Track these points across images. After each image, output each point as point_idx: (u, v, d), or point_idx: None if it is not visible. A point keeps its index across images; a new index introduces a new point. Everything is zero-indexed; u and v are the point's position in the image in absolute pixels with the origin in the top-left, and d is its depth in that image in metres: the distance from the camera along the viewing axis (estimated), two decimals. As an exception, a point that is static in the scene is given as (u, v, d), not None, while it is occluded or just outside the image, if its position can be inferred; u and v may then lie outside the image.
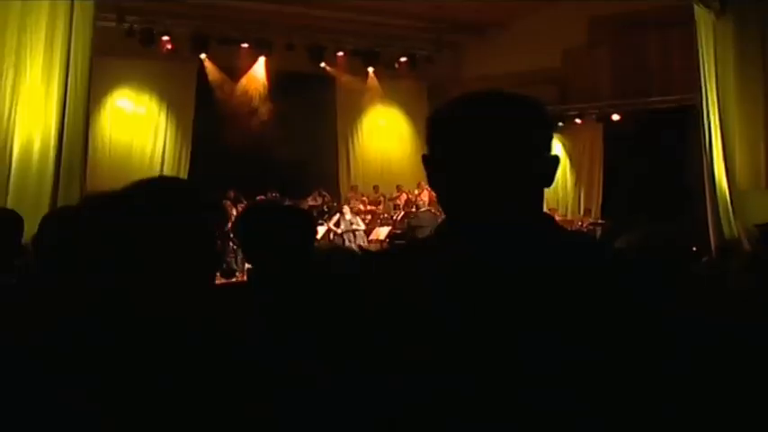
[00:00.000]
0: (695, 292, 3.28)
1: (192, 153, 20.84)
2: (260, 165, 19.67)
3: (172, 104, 20.74)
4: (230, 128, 19.60)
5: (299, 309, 2.62)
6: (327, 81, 21.93)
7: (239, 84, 20.95)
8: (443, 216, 1.71)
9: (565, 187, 21.22)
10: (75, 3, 8.54)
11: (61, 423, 1.66)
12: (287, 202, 20.10)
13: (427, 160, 1.66)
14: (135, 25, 17.84)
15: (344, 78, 22.04)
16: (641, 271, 1.67)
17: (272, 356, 1.91)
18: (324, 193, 21.53)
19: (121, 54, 17.92)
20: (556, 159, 1.66)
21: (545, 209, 1.77)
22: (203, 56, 19.72)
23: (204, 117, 20.41)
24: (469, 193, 1.59)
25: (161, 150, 20.57)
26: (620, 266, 1.69)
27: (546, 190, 1.68)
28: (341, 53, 21.09)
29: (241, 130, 19.72)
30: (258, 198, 18.44)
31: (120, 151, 19.84)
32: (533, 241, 1.62)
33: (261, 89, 21.19)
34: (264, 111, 21.08)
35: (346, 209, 19.56)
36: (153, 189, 1.95)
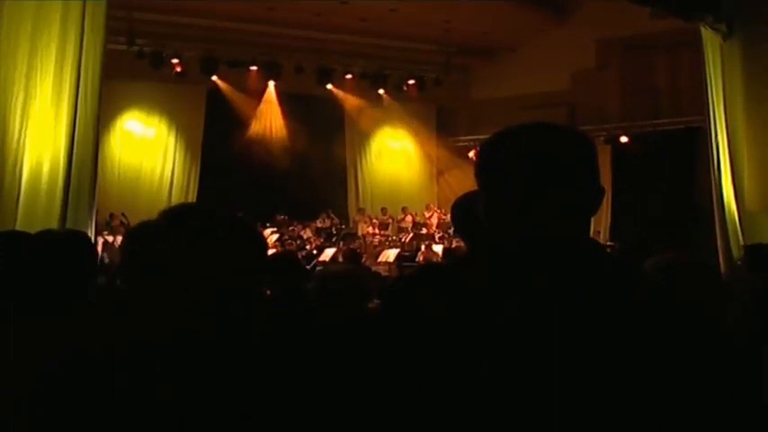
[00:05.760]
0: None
1: (200, 175, 20.92)
2: (268, 186, 19.72)
3: (181, 127, 20.84)
4: (239, 149, 19.66)
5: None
6: (336, 103, 22.01)
7: (249, 106, 21.05)
8: None
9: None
10: (86, 25, 8.59)
11: None
12: (295, 224, 20.25)
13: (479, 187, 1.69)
14: (145, 48, 17.96)
15: (353, 100, 22.11)
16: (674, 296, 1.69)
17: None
18: (332, 215, 21.56)
19: (131, 77, 18.05)
20: (601, 191, 1.68)
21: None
22: (215, 77, 19.83)
23: (213, 139, 20.50)
24: (516, 220, 1.60)
25: (170, 172, 20.65)
26: (658, 292, 1.71)
27: None
28: (349, 75, 21.17)
29: (250, 151, 19.78)
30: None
31: (130, 173, 19.93)
32: (578, 265, 1.64)
33: (270, 111, 21.29)
34: (273, 133, 21.16)
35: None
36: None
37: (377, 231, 21.01)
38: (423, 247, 18.64)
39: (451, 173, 22.42)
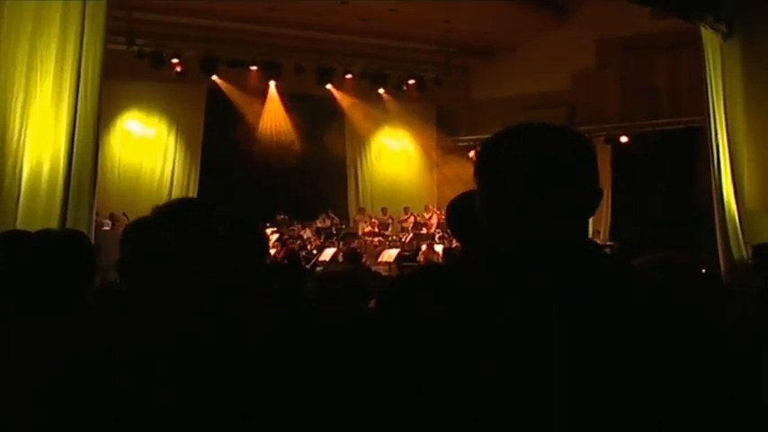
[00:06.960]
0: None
1: (200, 175, 20.91)
2: (268, 186, 19.71)
3: (181, 127, 20.84)
4: (239, 149, 19.65)
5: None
6: (336, 103, 21.99)
7: (249, 106, 21.04)
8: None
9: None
10: (86, 25, 8.58)
11: None
12: (295, 224, 20.25)
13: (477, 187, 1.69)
14: (145, 48, 17.95)
15: (353, 100, 22.10)
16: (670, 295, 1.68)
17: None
18: (332, 215, 21.56)
19: (131, 76, 18.04)
20: (599, 192, 1.69)
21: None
22: (215, 77, 19.81)
23: (213, 139, 20.49)
24: (514, 220, 1.60)
25: (170, 172, 20.65)
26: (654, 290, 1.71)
27: None
28: (349, 75, 21.16)
29: (250, 151, 19.77)
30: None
31: (130, 173, 19.92)
32: (578, 265, 1.64)
33: (270, 111, 21.29)
34: (273, 132, 21.16)
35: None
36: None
37: (377, 231, 21.00)
38: (424, 247, 18.63)
39: (452, 173, 22.40)
